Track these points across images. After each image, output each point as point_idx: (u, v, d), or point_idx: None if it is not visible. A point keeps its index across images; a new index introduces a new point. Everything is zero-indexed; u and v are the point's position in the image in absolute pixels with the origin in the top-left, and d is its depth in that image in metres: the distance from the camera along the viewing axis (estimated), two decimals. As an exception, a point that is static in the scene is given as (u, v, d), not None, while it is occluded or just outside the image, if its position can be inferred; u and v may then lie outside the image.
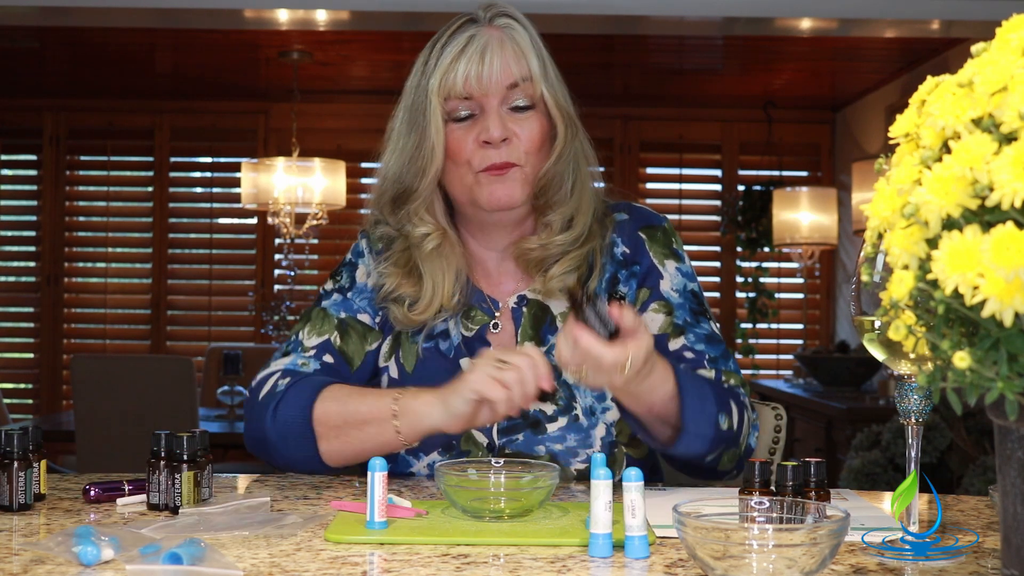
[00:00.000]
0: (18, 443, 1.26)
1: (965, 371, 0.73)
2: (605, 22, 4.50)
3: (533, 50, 1.57)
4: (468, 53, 1.53)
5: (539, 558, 1.05)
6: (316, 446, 1.49)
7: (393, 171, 1.61)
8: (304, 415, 1.49)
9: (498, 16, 1.58)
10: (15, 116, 6.51)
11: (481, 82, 1.53)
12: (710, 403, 1.44)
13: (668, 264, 1.63)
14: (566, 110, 1.60)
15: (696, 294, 1.63)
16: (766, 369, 6.56)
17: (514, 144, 1.55)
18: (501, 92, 1.54)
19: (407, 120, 1.59)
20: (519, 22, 1.59)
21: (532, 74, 1.56)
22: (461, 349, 1.60)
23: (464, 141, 1.55)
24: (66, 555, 1.00)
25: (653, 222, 1.67)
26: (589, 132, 1.66)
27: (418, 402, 1.44)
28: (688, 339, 1.58)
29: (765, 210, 6.24)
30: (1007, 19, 0.80)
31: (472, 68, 1.53)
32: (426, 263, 1.60)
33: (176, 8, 4.25)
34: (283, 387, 1.54)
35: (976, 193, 0.73)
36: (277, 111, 6.40)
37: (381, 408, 1.46)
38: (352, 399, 1.49)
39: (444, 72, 1.54)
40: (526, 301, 1.62)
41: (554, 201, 1.59)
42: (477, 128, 1.55)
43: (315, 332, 1.63)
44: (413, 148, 1.57)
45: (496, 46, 1.54)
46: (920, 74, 4.59)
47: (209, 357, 5.86)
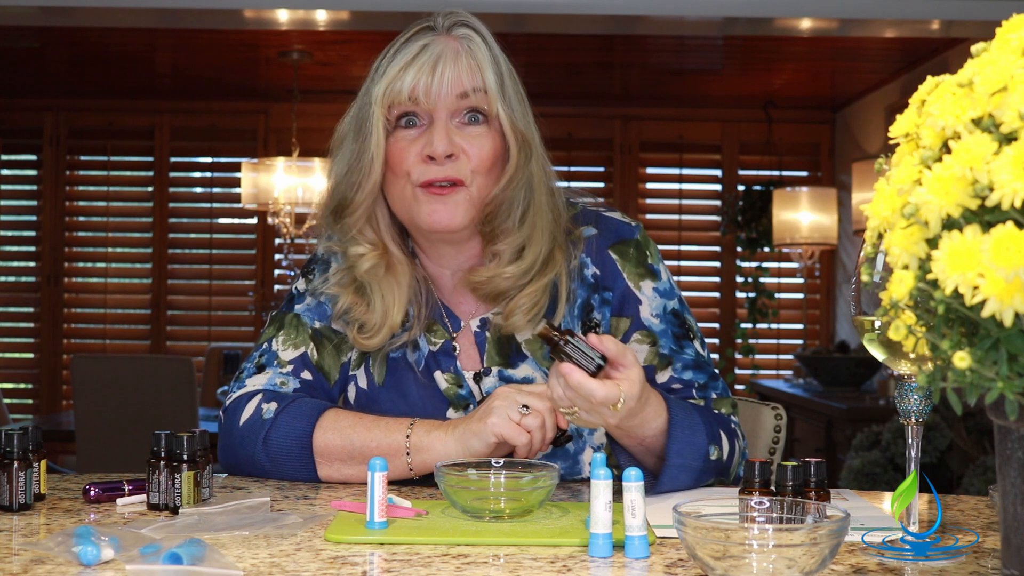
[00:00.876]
0: (18, 443, 1.26)
1: (965, 371, 0.73)
2: (605, 22, 4.51)
3: (491, 65, 1.47)
4: (419, 62, 1.45)
5: (539, 558, 1.05)
6: (315, 470, 1.47)
7: (335, 181, 1.53)
8: (303, 443, 1.45)
9: (457, 26, 1.49)
10: (15, 116, 6.51)
11: (429, 94, 1.44)
12: (700, 435, 1.40)
13: (644, 286, 1.55)
14: (521, 131, 1.48)
15: (677, 313, 1.56)
16: (766, 369, 6.57)
17: (461, 161, 1.46)
18: (451, 104, 1.45)
19: (353, 129, 1.50)
20: (479, 33, 1.49)
21: (486, 87, 1.46)
22: (430, 362, 1.56)
23: (407, 152, 1.46)
24: (66, 555, 1.00)
25: (624, 236, 1.57)
26: (589, 132, 1.61)
27: (432, 439, 1.41)
28: (675, 368, 1.53)
29: (765, 210, 6.24)
30: (1007, 19, 0.80)
31: (421, 78, 1.44)
32: (372, 283, 1.52)
33: (176, 8, 4.25)
34: (272, 414, 1.48)
35: (976, 193, 0.73)
36: (277, 111, 6.41)
37: (392, 444, 1.42)
38: (356, 432, 1.44)
39: (391, 80, 1.45)
40: (488, 325, 1.56)
41: (502, 229, 1.50)
42: (422, 140, 1.46)
43: (291, 343, 1.57)
44: (354, 158, 1.49)
45: (450, 57, 1.45)
46: (920, 74, 4.60)
47: (209, 357, 5.87)
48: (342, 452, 1.44)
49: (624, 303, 1.55)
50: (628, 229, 1.58)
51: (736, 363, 6.53)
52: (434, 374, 1.55)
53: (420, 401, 1.54)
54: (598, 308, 1.55)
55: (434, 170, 1.46)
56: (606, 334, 1.38)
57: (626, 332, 1.54)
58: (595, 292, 1.55)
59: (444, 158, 1.45)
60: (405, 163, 1.46)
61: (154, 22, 4.62)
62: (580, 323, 1.55)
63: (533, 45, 5.20)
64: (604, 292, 1.55)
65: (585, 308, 1.55)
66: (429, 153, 1.45)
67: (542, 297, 1.52)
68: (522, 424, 1.35)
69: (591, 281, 1.55)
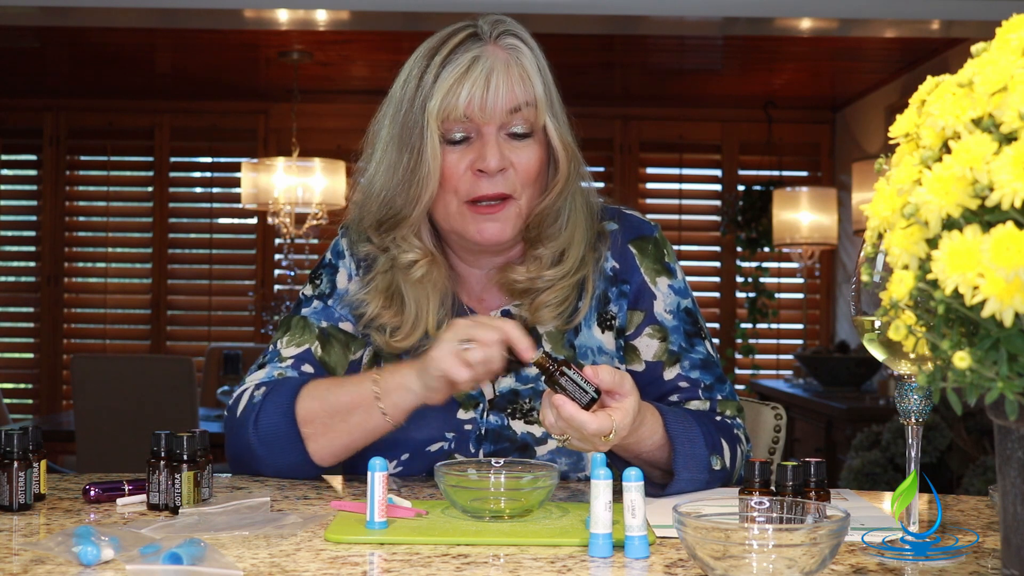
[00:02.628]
0: (18, 443, 1.26)
1: (965, 371, 0.73)
2: (605, 22, 4.51)
3: (539, 76, 1.47)
4: (472, 75, 1.43)
5: (539, 558, 1.05)
6: (304, 448, 1.46)
7: (381, 190, 1.50)
8: (288, 419, 1.46)
9: (505, 35, 1.47)
10: (15, 116, 6.51)
11: (485, 108, 1.43)
12: (700, 447, 1.40)
13: (660, 282, 1.57)
14: (569, 143, 1.50)
15: (690, 312, 1.58)
16: (766, 369, 6.56)
17: (509, 174, 1.46)
18: (502, 118, 1.45)
19: (398, 136, 1.48)
20: (527, 44, 1.48)
21: (536, 100, 1.46)
22: None
23: (457, 167, 1.46)
24: (66, 555, 1.00)
25: (644, 232, 1.59)
26: (589, 132, 1.60)
27: (397, 379, 1.42)
28: (683, 366, 1.55)
29: (765, 210, 6.24)
30: (1007, 19, 0.80)
31: (476, 92, 1.42)
32: (410, 289, 1.53)
33: (176, 8, 4.25)
34: (259, 397, 1.49)
35: (976, 193, 0.73)
36: (277, 111, 6.41)
37: (363, 393, 1.43)
38: (332, 391, 1.46)
39: (445, 94, 1.43)
40: (510, 316, 1.56)
41: (546, 235, 1.51)
42: (472, 154, 1.46)
43: (294, 342, 1.58)
44: (406, 171, 1.47)
45: (502, 70, 1.44)
46: (920, 74, 4.59)
47: (209, 357, 5.87)
48: (322, 414, 1.45)
49: (640, 297, 1.56)
50: (648, 227, 1.61)
51: (736, 363, 6.52)
52: None
53: None
54: (615, 300, 1.56)
55: (485, 185, 1.46)
56: (603, 364, 1.39)
57: (639, 325, 1.56)
58: (613, 284, 1.57)
59: (495, 172, 1.45)
60: (455, 178, 1.46)
61: (154, 22, 4.62)
62: (596, 315, 1.56)
63: (533, 45, 5.19)
64: (622, 285, 1.57)
65: (602, 300, 1.56)
66: (481, 167, 1.45)
67: (571, 293, 1.54)
68: (464, 359, 1.33)
69: (609, 274, 1.57)
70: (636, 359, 1.56)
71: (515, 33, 1.48)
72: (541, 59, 1.49)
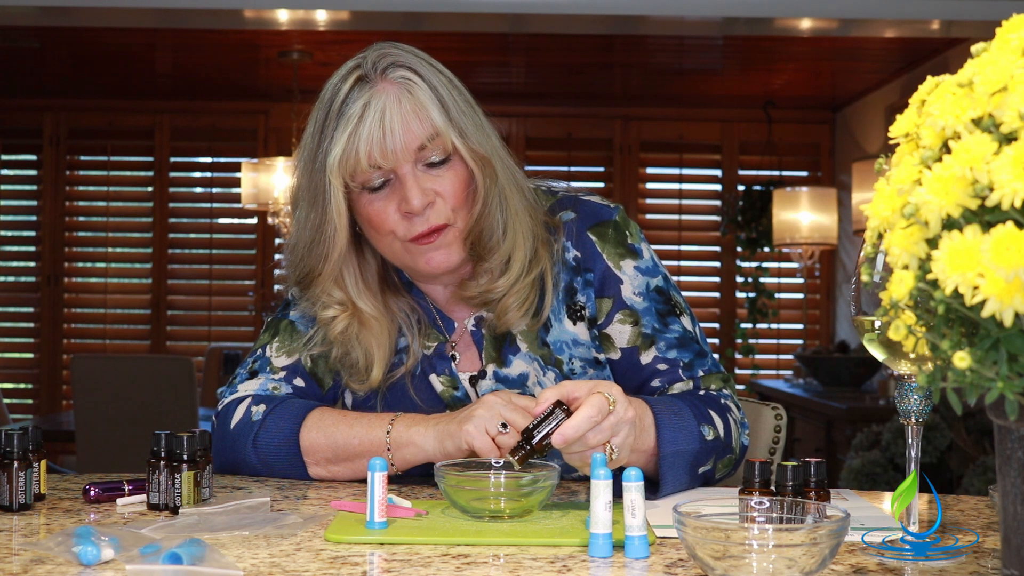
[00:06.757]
0: (18, 443, 1.26)
1: (965, 371, 0.73)
2: (605, 22, 4.51)
3: (435, 103, 1.43)
4: (366, 123, 1.40)
5: (539, 558, 1.05)
6: (305, 470, 1.49)
7: (297, 247, 1.51)
8: (290, 444, 1.47)
9: (391, 68, 1.43)
10: (15, 116, 6.51)
11: (386, 154, 1.40)
12: (688, 419, 1.40)
13: (625, 265, 1.54)
14: (480, 154, 1.46)
15: (661, 290, 1.55)
16: (766, 369, 6.57)
17: (438, 205, 1.44)
18: (410, 156, 1.42)
19: (308, 195, 1.47)
20: (415, 71, 1.44)
21: (437, 129, 1.42)
22: (425, 366, 1.56)
23: (385, 212, 1.44)
24: (66, 555, 1.00)
25: (603, 217, 1.56)
26: (589, 132, 1.59)
27: (411, 435, 1.41)
28: (659, 348, 1.53)
29: (765, 210, 6.24)
30: (1007, 19, 0.80)
31: (375, 141, 1.40)
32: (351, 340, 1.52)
33: (176, 8, 4.25)
34: (260, 415, 1.50)
35: (976, 193, 0.73)
36: (277, 111, 6.41)
37: (373, 441, 1.43)
38: (340, 429, 1.46)
39: (343, 148, 1.41)
40: (484, 322, 1.56)
41: (487, 249, 1.50)
42: (396, 196, 1.44)
43: (284, 351, 1.58)
44: (315, 229, 1.47)
45: (395, 109, 1.40)
46: (920, 74, 4.60)
47: (209, 357, 5.87)
48: (327, 450, 1.46)
49: (605, 283, 1.54)
50: (606, 211, 1.57)
51: (736, 363, 6.53)
52: (429, 377, 1.56)
53: (416, 406, 1.55)
54: (581, 290, 1.55)
55: (418, 223, 1.44)
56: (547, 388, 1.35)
57: (609, 312, 1.54)
58: (577, 274, 1.55)
59: (423, 209, 1.43)
60: (387, 223, 1.45)
61: (154, 22, 4.62)
62: (565, 307, 1.55)
63: (533, 45, 5.20)
64: (586, 274, 1.55)
65: (569, 291, 1.55)
66: (407, 210, 1.43)
67: (531, 292, 1.52)
68: (496, 441, 1.33)
69: (572, 264, 1.55)
70: (611, 347, 1.55)
71: (401, 63, 1.44)
72: (435, 79, 1.45)
